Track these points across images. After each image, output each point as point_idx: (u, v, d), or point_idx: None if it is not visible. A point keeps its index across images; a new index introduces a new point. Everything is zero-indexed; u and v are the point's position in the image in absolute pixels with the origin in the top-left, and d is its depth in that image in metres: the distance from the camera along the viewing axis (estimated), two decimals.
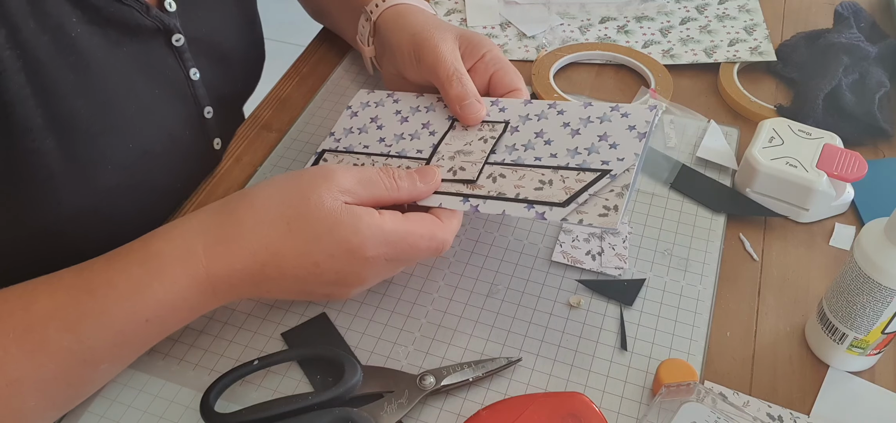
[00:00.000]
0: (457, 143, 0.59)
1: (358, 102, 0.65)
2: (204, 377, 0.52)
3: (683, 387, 0.47)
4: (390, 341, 0.54)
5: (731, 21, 0.84)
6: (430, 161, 0.58)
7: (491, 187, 0.54)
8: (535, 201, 0.53)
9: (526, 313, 0.55)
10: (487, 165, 0.56)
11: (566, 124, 0.58)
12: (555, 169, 0.55)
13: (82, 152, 0.52)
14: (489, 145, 0.58)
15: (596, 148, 0.55)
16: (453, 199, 0.54)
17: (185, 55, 0.60)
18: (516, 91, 0.61)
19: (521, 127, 0.58)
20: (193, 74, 0.61)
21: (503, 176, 0.55)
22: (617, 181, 0.52)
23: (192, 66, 0.61)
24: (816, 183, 0.60)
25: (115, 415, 0.50)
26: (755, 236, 0.62)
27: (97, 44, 0.52)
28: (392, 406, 0.49)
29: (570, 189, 0.53)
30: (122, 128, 0.54)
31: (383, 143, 0.61)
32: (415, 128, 0.61)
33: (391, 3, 0.66)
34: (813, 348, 0.54)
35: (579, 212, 0.51)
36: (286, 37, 1.87)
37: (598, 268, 0.58)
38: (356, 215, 0.49)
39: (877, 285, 0.47)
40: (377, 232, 0.49)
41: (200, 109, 0.63)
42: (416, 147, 0.59)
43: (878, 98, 0.70)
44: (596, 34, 0.83)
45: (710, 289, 0.57)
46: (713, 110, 0.74)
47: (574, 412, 0.47)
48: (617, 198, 0.51)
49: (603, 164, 0.54)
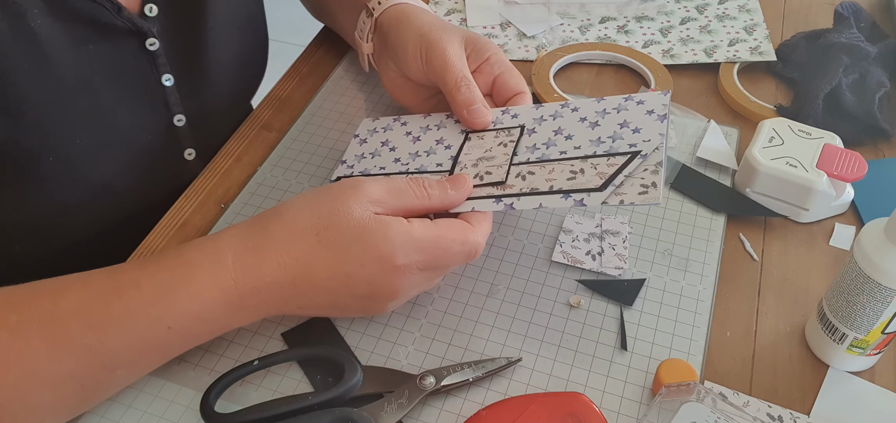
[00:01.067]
0: (476, 152, 0.58)
1: (364, 129, 0.64)
2: (204, 377, 0.52)
3: (683, 387, 0.47)
4: (390, 342, 0.54)
5: (731, 21, 0.84)
6: (454, 170, 0.57)
7: (522, 186, 0.54)
8: (571, 190, 0.52)
9: (526, 313, 0.55)
10: (513, 166, 0.56)
11: (583, 119, 0.58)
12: (583, 158, 0.54)
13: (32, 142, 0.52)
14: (510, 149, 0.57)
15: (619, 135, 0.55)
16: (485, 202, 0.54)
17: (158, 60, 0.59)
18: (520, 94, 0.61)
19: (537, 129, 0.58)
20: (166, 80, 0.60)
21: (532, 173, 0.55)
22: (649, 160, 0.52)
23: (166, 73, 0.60)
24: (816, 183, 0.60)
25: (115, 415, 0.50)
26: (755, 236, 0.62)
27: (58, 37, 0.52)
28: (392, 406, 0.49)
29: (603, 174, 0.52)
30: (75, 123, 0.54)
31: (400, 163, 0.60)
32: (429, 145, 0.61)
33: (394, 2, 0.66)
34: (813, 348, 0.54)
35: (618, 193, 0.51)
36: (286, 37, 1.87)
37: (598, 268, 0.58)
38: (385, 223, 0.48)
39: (877, 285, 0.47)
40: (407, 239, 0.48)
41: (170, 117, 0.62)
42: (435, 162, 0.59)
43: (878, 98, 0.70)
44: (596, 34, 0.83)
45: (710, 289, 0.57)
46: (713, 110, 0.74)
47: (574, 412, 0.47)
48: (653, 175, 0.51)
49: (631, 146, 0.54)
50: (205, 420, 0.48)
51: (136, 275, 0.47)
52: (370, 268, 0.48)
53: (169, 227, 0.62)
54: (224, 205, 0.64)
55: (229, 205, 0.64)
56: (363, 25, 0.69)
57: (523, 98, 0.61)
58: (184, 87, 0.62)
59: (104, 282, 0.47)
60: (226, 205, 0.64)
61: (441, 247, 0.49)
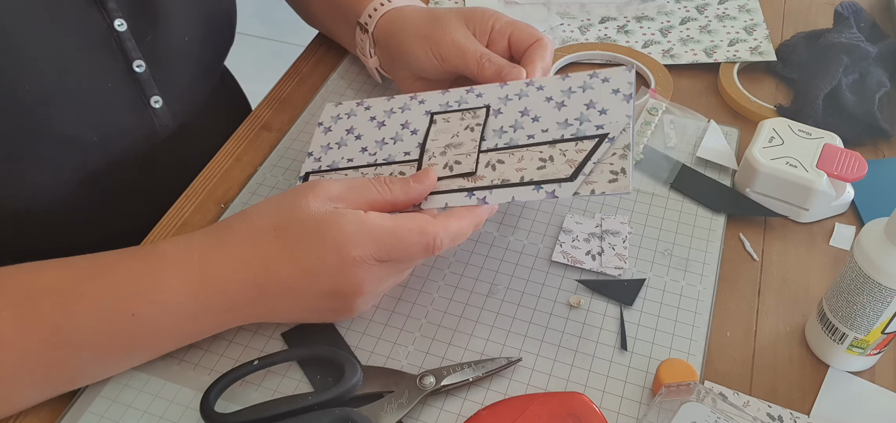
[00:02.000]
0: (443, 138, 0.58)
1: (328, 116, 0.63)
2: (204, 377, 0.52)
3: (683, 387, 0.47)
4: (390, 342, 0.54)
5: (731, 21, 0.84)
6: (422, 162, 0.57)
7: (493, 176, 0.54)
8: (542, 181, 0.52)
9: (526, 313, 0.55)
10: (482, 153, 0.56)
11: (549, 98, 0.58)
12: (551, 144, 0.54)
13: None
14: (477, 133, 0.57)
15: (586, 116, 0.55)
16: (458, 195, 0.53)
17: (108, 4, 0.58)
18: (538, 42, 0.62)
19: (503, 109, 0.58)
20: (118, 24, 0.58)
21: (502, 162, 0.54)
22: (616, 143, 0.53)
23: (118, 17, 0.58)
24: (816, 183, 0.60)
25: (115, 415, 0.50)
26: (755, 236, 0.62)
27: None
28: (392, 406, 0.49)
29: (573, 161, 0.53)
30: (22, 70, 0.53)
31: (367, 153, 0.59)
32: (394, 130, 0.60)
33: (383, 11, 0.66)
34: (813, 348, 0.54)
35: (589, 183, 0.51)
36: (286, 37, 1.87)
37: (598, 268, 0.58)
38: (340, 214, 0.48)
39: (877, 285, 0.47)
40: (362, 228, 0.48)
41: (128, 64, 0.60)
42: (403, 150, 0.58)
43: (878, 98, 0.70)
44: (596, 34, 0.83)
45: (710, 289, 0.57)
46: (713, 110, 0.74)
47: (574, 412, 0.47)
48: (621, 160, 0.52)
49: (598, 129, 0.54)
50: (205, 420, 0.48)
51: (112, 260, 0.49)
52: (329, 262, 0.48)
53: (169, 226, 0.62)
54: (224, 205, 0.64)
55: (229, 205, 0.64)
56: (362, 43, 0.69)
57: (543, 45, 0.62)
58: (138, 32, 0.60)
59: (82, 265, 0.49)
60: (226, 205, 0.64)
61: (397, 236, 0.48)
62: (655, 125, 0.70)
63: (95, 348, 0.48)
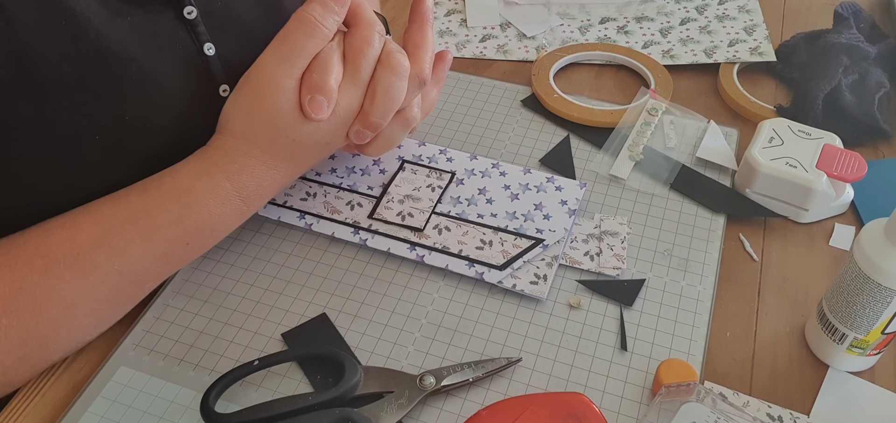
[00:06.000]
0: (405, 186, 0.63)
1: None
2: (204, 378, 0.52)
3: (683, 387, 0.47)
4: (390, 342, 0.54)
5: (731, 21, 0.84)
6: (381, 201, 0.62)
7: (437, 239, 0.59)
8: (476, 260, 0.58)
9: (526, 313, 0.56)
10: (434, 214, 0.61)
11: (507, 187, 0.64)
12: (495, 230, 0.60)
13: (66, 118, 0.51)
14: (436, 195, 0.63)
15: (531, 216, 0.61)
16: (401, 245, 0.59)
17: (198, 28, 0.57)
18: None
19: (466, 180, 0.64)
20: (207, 49, 0.58)
21: (448, 229, 0.60)
22: (548, 251, 0.58)
23: (207, 41, 0.58)
24: (816, 183, 0.60)
25: (115, 415, 0.50)
26: (755, 237, 0.62)
27: (94, 10, 0.51)
28: (392, 406, 0.49)
29: (507, 253, 0.58)
30: (119, 98, 0.53)
31: (335, 174, 0.65)
32: (366, 162, 0.66)
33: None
34: (813, 348, 0.54)
35: (513, 277, 0.56)
36: None
37: (595, 268, 0.58)
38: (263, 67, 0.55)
39: (877, 285, 0.47)
40: (265, 63, 0.54)
41: (215, 87, 0.59)
42: (368, 183, 0.64)
43: (878, 98, 0.70)
44: (596, 35, 0.83)
45: (710, 289, 0.57)
46: (713, 111, 0.74)
47: (574, 412, 0.47)
48: (547, 267, 0.57)
49: (537, 232, 0.60)
50: (205, 421, 0.48)
51: (144, 204, 0.52)
52: (275, 115, 0.53)
53: None
54: None
55: None
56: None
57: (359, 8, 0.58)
58: (226, 56, 0.60)
59: (114, 211, 0.51)
60: None
61: (278, 37, 0.54)
62: (655, 126, 0.71)
63: (156, 277, 0.53)
